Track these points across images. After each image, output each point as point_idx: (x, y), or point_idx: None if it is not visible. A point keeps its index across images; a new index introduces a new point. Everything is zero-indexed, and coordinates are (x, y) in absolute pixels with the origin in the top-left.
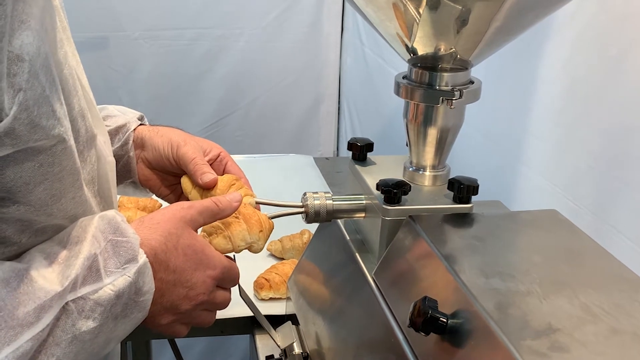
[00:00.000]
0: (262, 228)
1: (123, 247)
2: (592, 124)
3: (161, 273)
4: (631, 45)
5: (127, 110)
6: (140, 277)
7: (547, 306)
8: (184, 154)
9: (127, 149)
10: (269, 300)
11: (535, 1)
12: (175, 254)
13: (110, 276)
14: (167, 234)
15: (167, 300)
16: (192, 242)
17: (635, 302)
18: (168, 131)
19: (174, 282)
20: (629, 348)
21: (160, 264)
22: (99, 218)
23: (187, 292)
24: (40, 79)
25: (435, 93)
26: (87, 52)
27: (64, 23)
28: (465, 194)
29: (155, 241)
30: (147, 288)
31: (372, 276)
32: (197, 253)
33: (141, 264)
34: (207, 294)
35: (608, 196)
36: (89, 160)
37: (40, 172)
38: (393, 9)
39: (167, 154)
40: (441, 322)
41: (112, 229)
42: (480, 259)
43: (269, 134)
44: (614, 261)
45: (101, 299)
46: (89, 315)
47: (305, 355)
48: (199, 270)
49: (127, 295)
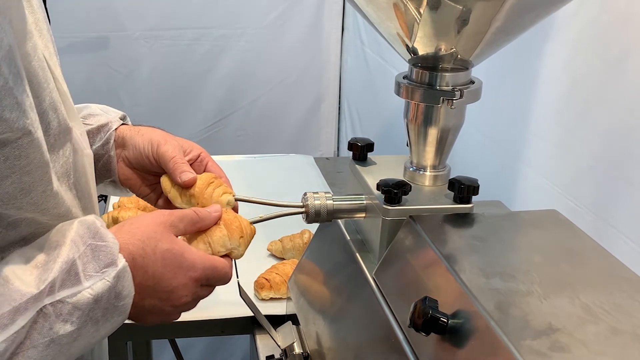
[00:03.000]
0: (243, 234)
1: (102, 251)
2: (593, 124)
3: (139, 278)
4: (632, 45)
5: (109, 110)
6: (119, 281)
7: (547, 306)
8: (164, 152)
9: (107, 148)
10: (269, 300)
11: (536, 1)
12: (154, 259)
13: (89, 280)
14: (146, 239)
15: (148, 303)
16: (171, 246)
17: (635, 302)
18: (149, 131)
19: (154, 288)
20: (629, 348)
21: (139, 269)
22: (79, 223)
23: (168, 296)
24: (2, 70)
25: (436, 93)
26: (88, 52)
27: (38, 16)
28: (465, 194)
29: (133, 246)
30: (127, 292)
31: (373, 276)
32: (176, 257)
33: (120, 268)
34: (190, 295)
35: (609, 196)
36: (63, 153)
37: (6, 166)
38: (394, 9)
39: (148, 153)
40: (442, 322)
41: (92, 233)
42: (480, 259)
43: (270, 134)
44: (614, 261)
45: (79, 303)
46: (67, 319)
47: (306, 355)
48: (179, 274)
49: (107, 300)
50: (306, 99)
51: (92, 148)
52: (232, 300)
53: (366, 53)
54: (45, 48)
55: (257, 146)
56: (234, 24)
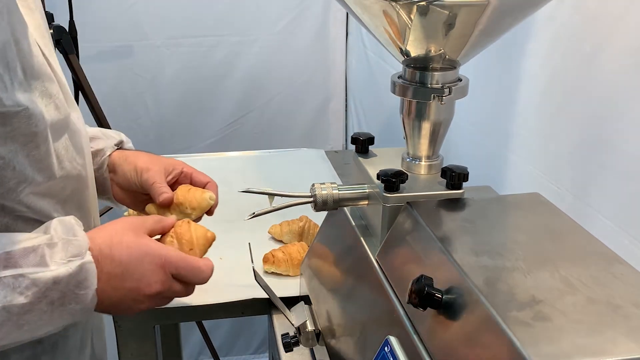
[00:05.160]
0: (193, 246)
1: (72, 244)
2: (571, 114)
3: (107, 266)
4: (602, 42)
5: (109, 134)
6: (82, 271)
7: (531, 280)
8: (145, 180)
9: (101, 172)
10: (271, 274)
11: (514, 6)
12: (120, 248)
13: (54, 265)
14: (113, 232)
15: (120, 293)
16: (137, 238)
17: (609, 275)
18: (135, 157)
19: (122, 276)
20: (604, 316)
21: (105, 257)
22: (57, 221)
23: (137, 284)
24: None
25: (427, 91)
26: (114, 60)
27: (38, 20)
28: (457, 181)
29: (100, 238)
30: (89, 284)
31: (376, 258)
32: (140, 246)
33: (86, 260)
34: (160, 283)
35: (586, 179)
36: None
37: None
38: (387, 16)
39: (134, 180)
40: (437, 298)
41: (66, 230)
42: (471, 239)
43: (284, 131)
44: (591, 238)
45: (38, 280)
46: (23, 292)
47: (317, 332)
48: (145, 261)
49: (66, 284)
50: (316, 98)
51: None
52: (250, 284)
53: (368, 55)
54: (45, 47)
55: (272, 142)
56: (248, 32)
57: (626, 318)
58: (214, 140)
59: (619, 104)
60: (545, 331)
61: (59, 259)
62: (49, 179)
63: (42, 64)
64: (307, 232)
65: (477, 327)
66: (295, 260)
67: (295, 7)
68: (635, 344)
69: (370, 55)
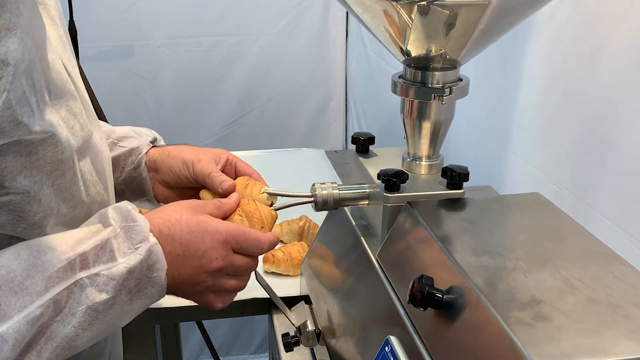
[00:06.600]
0: (264, 224)
1: (135, 230)
2: (571, 114)
3: (169, 247)
4: (602, 42)
5: (142, 132)
6: (151, 255)
7: (531, 280)
8: (200, 170)
9: (139, 171)
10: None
11: (514, 6)
12: (179, 227)
13: (124, 257)
14: (171, 212)
15: (183, 273)
16: (195, 216)
17: (609, 274)
18: (179, 151)
19: (184, 255)
20: (604, 316)
21: (166, 238)
22: (112, 209)
23: (200, 262)
24: (22, 81)
25: (428, 90)
26: (114, 60)
27: (61, 32)
28: (457, 180)
29: (159, 219)
30: (159, 265)
31: (376, 257)
32: (200, 224)
33: (152, 243)
34: (220, 259)
35: (586, 179)
36: (85, 153)
37: (20, 162)
38: (388, 16)
39: (185, 174)
40: (437, 298)
41: (124, 217)
42: (471, 240)
43: (284, 130)
44: (591, 238)
45: (114, 274)
46: (102, 288)
47: (318, 331)
48: (205, 238)
49: (139, 271)
50: (316, 98)
51: (125, 170)
52: (250, 283)
53: (368, 55)
54: (68, 61)
55: (272, 142)
56: (248, 32)
57: (627, 318)
58: (214, 139)
59: (619, 104)
60: (545, 331)
61: (126, 249)
62: (74, 208)
63: (66, 81)
64: (307, 232)
65: (478, 327)
66: (296, 260)
67: (295, 6)
68: (636, 344)
69: (370, 55)
